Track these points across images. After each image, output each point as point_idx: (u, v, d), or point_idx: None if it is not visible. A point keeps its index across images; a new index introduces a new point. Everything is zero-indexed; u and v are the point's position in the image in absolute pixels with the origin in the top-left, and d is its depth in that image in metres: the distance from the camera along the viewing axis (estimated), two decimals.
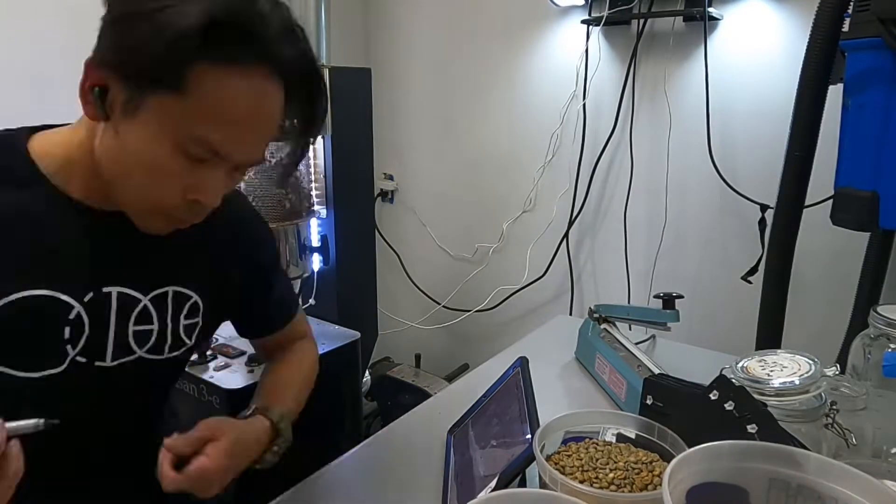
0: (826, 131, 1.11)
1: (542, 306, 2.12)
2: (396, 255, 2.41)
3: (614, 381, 1.03)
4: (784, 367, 0.76)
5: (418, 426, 0.99)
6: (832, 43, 1.03)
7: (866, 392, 0.79)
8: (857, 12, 0.97)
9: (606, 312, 1.18)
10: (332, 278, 1.65)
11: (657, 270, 1.84)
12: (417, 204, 2.37)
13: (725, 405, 0.68)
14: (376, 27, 2.32)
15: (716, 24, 1.63)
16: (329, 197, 1.60)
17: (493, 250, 2.19)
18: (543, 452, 0.69)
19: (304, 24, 0.65)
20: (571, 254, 2.00)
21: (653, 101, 1.77)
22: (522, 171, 2.06)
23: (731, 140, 1.66)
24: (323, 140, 1.57)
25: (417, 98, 2.27)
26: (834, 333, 1.23)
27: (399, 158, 2.36)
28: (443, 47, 2.17)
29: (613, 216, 1.91)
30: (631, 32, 1.76)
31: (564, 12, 1.87)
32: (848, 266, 1.31)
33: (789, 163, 1.14)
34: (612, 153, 1.87)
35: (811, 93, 1.08)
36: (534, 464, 0.68)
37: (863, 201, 0.99)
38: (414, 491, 0.82)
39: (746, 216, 1.65)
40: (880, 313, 0.80)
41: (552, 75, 1.93)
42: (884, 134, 0.96)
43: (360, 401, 1.67)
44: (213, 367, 1.33)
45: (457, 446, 0.91)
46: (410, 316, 2.41)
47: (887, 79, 0.94)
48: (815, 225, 1.23)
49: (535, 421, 0.75)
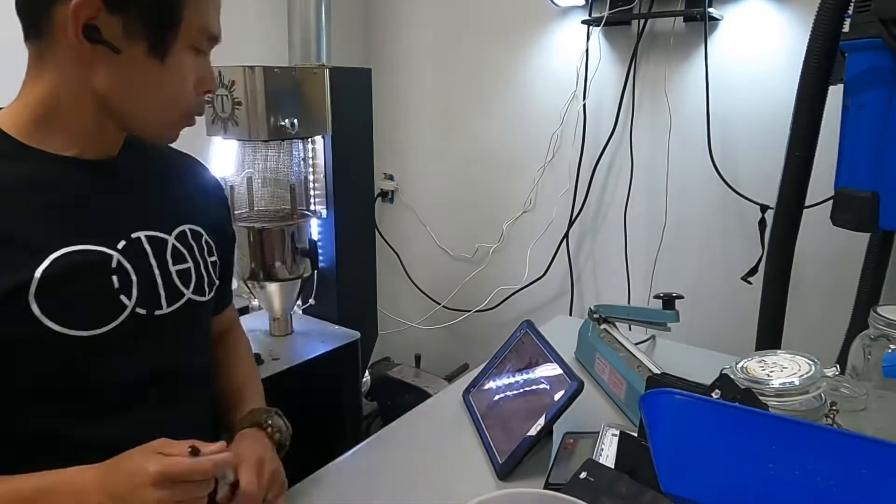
0: (826, 131, 1.11)
1: (542, 306, 2.12)
2: (396, 255, 2.41)
3: (614, 381, 1.03)
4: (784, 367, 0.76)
5: (418, 426, 0.99)
6: (832, 43, 1.03)
7: (866, 393, 0.79)
8: (858, 13, 0.97)
9: (606, 313, 1.18)
10: (332, 278, 1.65)
11: (657, 270, 1.84)
12: (417, 204, 2.37)
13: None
14: (376, 27, 2.32)
15: (716, 24, 1.63)
16: (329, 197, 1.59)
17: (493, 250, 2.19)
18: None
19: (304, 24, 0.72)
20: (571, 254, 2.00)
21: (653, 101, 1.77)
22: (522, 171, 2.06)
23: (731, 140, 1.66)
24: (323, 140, 1.57)
25: (417, 98, 2.27)
26: (834, 334, 1.23)
27: (399, 158, 2.36)
28: (443, 47, 2.17)
29: (613, 216, 1.91)
30: (631, 33, 1.76)
31: (565, 12, 1.87)
32: (848, 266, 1.31)
33: (789, 163, 1.14)
34: (612, 153, 1.87)
35: (811, 93, 1.08)
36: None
37: (863, 202, 0.99)
38: (414, 491, 0.82)
39: (746, 216, 1.65)
40: (880, 314, 0.79)
41: (552, 75, 1.93)
42: (884, 134, 0.96)
43: (360, 401, 1.67)
44: None
45: (478, 401, 1.00)
46: (410, 316, 2.41)
47: (887, 79, 0.94)
48: (815, 225, 1.23)
49: (562, 362, 0.88)
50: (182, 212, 0.79)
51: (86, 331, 0.65)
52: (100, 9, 0.62)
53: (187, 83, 0.69)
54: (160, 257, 0.73)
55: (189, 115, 0.72)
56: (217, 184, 0.91)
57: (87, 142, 0.69)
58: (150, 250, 0.72)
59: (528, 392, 0.91)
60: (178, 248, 0.76)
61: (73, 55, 0.64)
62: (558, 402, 0.82)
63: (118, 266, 0.68)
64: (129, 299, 0.69)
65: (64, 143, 0.68)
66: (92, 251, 0.67)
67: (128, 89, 0.66)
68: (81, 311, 0.65)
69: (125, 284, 0.69)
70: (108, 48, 0.63)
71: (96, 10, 0.61)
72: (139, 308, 0.70)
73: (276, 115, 1.38)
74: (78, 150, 0.69)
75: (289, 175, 1.45)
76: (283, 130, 1.39)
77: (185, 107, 0.70)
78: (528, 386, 0.92)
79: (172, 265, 0.74)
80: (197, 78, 0.70)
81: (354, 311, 1.70)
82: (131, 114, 0.68)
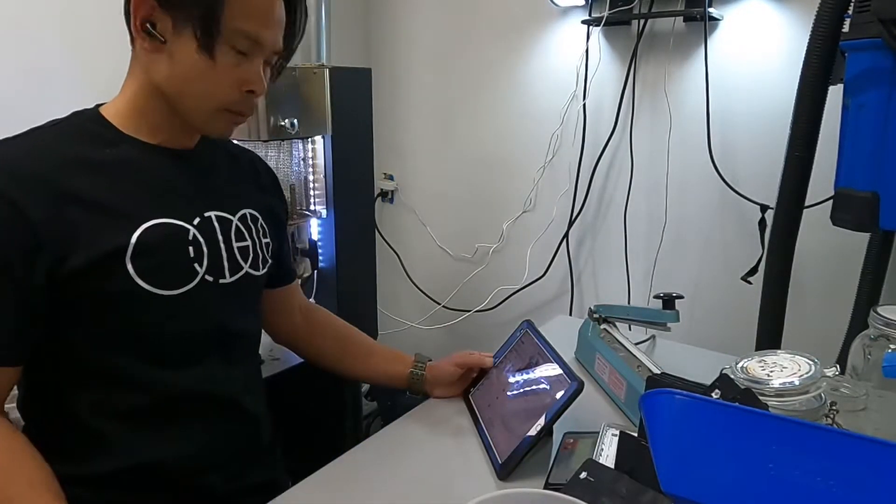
0: (826, 131, 1.10)
1: (542, 306, 2.12)
2: (396, 255, 2.41)
3: (614, 381, 1.03)
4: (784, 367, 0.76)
5: (418, 426, 0.99)
6: (832, 43, 1.03)
7: (866, 393, 0.79)
8: (858, 13, 0.97)
9: (606, 313, 1.18)
10: (332, 278, 1.65)
11: (657, 270, 1.84)
12: (417, 204, 2.37)
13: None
14: (376, 27, 2.32)
15: (716, 24, 1.63)
16: (329, 197, 1.59)
17: (493, 250, 2.19)
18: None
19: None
20: (571, 254, 2.00)
21: (653, 101, 1.77)
22: (522, 171, 2.05)
23: (731, 140, 1.66)
24: (323, 140, 1.57)
25: (417, 98, 2.27)
26: (834, 333, 1.23)
27: (399, 158, 2.36)
28: (443, 47, 2.17)
29: (613, 216, 1.91)
30: (631, 33, 1.76)
31: (565, 12, 1.87)
32: (848, 266, 1.31)
33: (789, 163, 1.14)
34: (612, 153, 1.87)
35: (811, 93, 1.08)
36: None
37: (863, 202, 0.98)
38: (414, 491, 0.82)
39: (746, 216, 1.65)
40: (880, 314, 0.79)
41: (552, 75, 1.93)
42: (884, 134, 0.96)
43: (360, 401, 1.67)
44: None
45: (479, 401, 1.01)
46: (410, 316, 2.41)
47: (887, 79, 0.94)
48: (815, 225, 1.23)
49: (562, 362, 0.90)
50: (244, 197, 0.91)
51: (166, 290, 0.77)
52: (154, 7, 0.73)
53: (226, 79, 0.77)
54: (226, 234, 0.85)
55: (233, 110, 0.80)
56: (274, 177, 1.03)
57: (167, 133, 0.81)
58: (219, 227, 0.84)
59: (528, 392, 0.92)
60: (240, 228, 0.88)
61: (141, 51, 0.76)
62: (558, 402, 0.82)
63: (193, 239, 0.80)
64: (201, 267, 0.81)
65: (151, 133, 0.81)
66: (174, 224, 0.79)
67: (176, 79, 0.76)
68: (164, 273, 0.77)
69: (198, 254, 0.81)
70: (159, 41, 0.74)
71: (151, 9, 0.73)
72: (207, 275, 0.81)
73: (276, 115, 1.38)
74: (162, 138, 0.81)
75: (289, 175, 1.45)
76: (283, 130, 1.40)
77: (225, 101, 0.78)
78: (528, 386, 0.93)
79: (235, 242, 0.86)
80: (238, 77, 0.77)
81: (354, 311, 1.70)
82: (177, 102, 0.78)
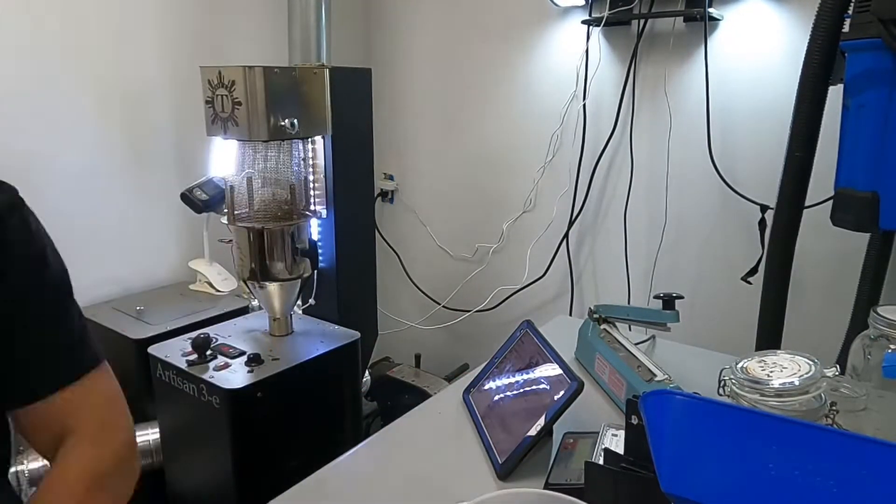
0: (826, 131, 1.10)
1: (542, 306, 2.12)
2: (396, 255, 2.41)
3: (614, 381, 1.03)
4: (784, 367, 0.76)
5: (418, 426, 0.99)
6: (832, 43, 1.03)
7: (866, 393, 0.79)
8: (858, 13, 0.97)
9: (606, 313, 1.18)
10: (332, 278, 1.65)
11: (657, 270, 1.84)
12: (417, 204, 2.37)
13: None
14: (376, 27, 2.32)
15: (716, 24, 1.63)
16: (329, 197, 1.59)
17: (493, 250, 2.19)
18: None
19: (304, 24, 0.66)
20: (571, 254, 2.00)
21: (653, 101, 1.77)
22: (522, 171, 2.05)
23: (731, 140, 1.66)
24: (323, 140, 1.57)
25: (417, 98, 2.27)
26: (834, 333, 1.23)
27: (399, 158, 2.36)
28: (443, 47, 2.17)
29: (613, 216, 1.91)
30: (631, 33, 1.76)
31: (565, 13, 1.87)
32: (848, 266, 1.31)
33: (789, 163, 1.14)
34: (612, 153, 1.87)
35: (811, 93, 1.08)
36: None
37: (863, 202, 0.98)
38: (414, 491, 0.82)
39: (746, 216, 1.65)
40: (880, 314, 0.79)
41: (552, 76, 1.93)
42: (884, 134, 0.96)
43: (360, 401, 1.67)
44: (212, 367, 1.33)
45: (479, 401, 1.00)
46: (410, 316, 2.41)
47: (887, 79, 0.94)
48: (815, 225, 1.23)
49: (562, 362, 0.89)
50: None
51: None
52: None
53: None
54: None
55: None
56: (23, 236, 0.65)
57: None
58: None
59: (528, 392, 0.92)
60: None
61: None
62: (558, 402, 0.82)
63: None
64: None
65: None
66: None
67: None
68: None
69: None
70: None
71: None
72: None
73: (276, 115, 1.38)
74: None
75: (289, 175, 1.45)
76: (283, 130, 1.39)
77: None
78: (528, 386, 0.93)
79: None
80: None
81: (354, 311, 1.70)
82: None
